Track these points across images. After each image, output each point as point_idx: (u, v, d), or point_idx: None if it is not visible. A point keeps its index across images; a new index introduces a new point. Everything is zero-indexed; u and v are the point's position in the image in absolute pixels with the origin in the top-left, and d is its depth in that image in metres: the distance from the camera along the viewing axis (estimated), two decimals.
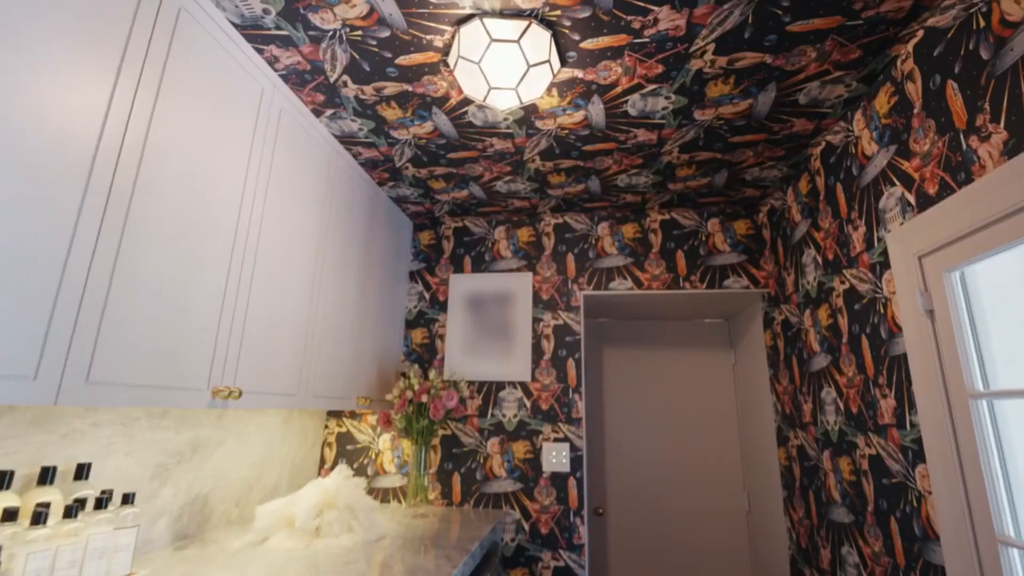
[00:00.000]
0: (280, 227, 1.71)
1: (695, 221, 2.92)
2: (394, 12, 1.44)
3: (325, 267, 2.02)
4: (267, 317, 1.63)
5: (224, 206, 1.44)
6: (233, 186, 1.47)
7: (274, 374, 1.66)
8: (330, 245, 2.06)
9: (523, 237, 3.00)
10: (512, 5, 1.41)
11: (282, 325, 1.72)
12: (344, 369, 2.16)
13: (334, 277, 2.09)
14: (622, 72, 1.71)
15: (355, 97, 1.84)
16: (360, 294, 2.34)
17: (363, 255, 2.38)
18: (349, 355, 2.21)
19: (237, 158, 1.49)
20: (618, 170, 2.43)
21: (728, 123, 2.02)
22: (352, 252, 2.27)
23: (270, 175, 1.65)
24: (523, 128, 2.06)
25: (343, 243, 2.18)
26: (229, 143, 1.46)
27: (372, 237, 2.49)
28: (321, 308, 1.98)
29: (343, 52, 1.60)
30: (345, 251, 2.20)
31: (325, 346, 2.01)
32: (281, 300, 1.71)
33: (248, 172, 1.54)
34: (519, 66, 1.47)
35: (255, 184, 1.57)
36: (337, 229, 2.13)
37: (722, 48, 1.60)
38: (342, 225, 2.17)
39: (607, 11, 1.44)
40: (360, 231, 2.35)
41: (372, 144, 2.18)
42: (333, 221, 2.09)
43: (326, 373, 2.01)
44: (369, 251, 2.45)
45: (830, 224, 2.09)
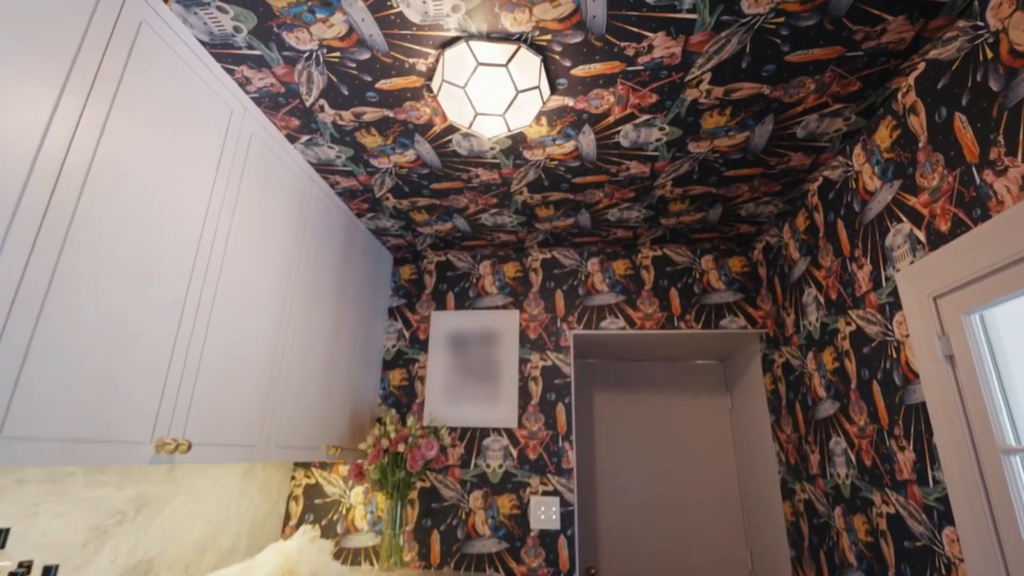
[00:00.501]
0: (246, 259, 1.60)
1: (688, 258, 2.86)
2: (375, 33, 1.38)
3: (295, 302, 1.90)
4: (226, 358, 1.50)
5: (182, 235, 1.33)
6: (194, 214, 1.37)
7: (232, 422, 1.51)
8: (301, 279, 1.95)
9: (509, 273, 2.92)
10: (500, 28, 1.36)
11: (243, 367, 1.58)
12: (313, 415, 2.01)
13: (305, 313, 1.97)
14: (614, 101, 1.67)
15: (332, 123, 1.77)
16: (333, 332, 2.21)
17: (338, 290, 2.26)
18: (319, 399, 2.07)
19: (200, 184, 1.39)
20: (609, 204, 2.38)
21: (723, 156, 1.98)
22: (326, 286, 2.15)
23: (236, 203, 1.55)
24: (510, 158, 2.00)
25: (316, 277, 2.07)
26: (191, 168, 1.36)
27: (348, 271, 2.38)
28: (289, 347, 1.85)
29: (320, 75, 1.54)
30: (318, 285, 2.08)
31: (292, 390, 1.86)
32: (243, 339, 1.58)
33: (212, 199, 1.44)
34: (507, 92, 1.41)
35: (219, 212, 1.47)
36: (310, 262, 2.02)
37: (718, 78, 1.56)
38: (315, 258, 2.06)
39: (600, 36, 1.40)
40: (335, 264, 2.25)
41: (350, 173, 2.10)
42: (306, 253, 1.98)
43: (292, 420, 1.86)
44: (344, 285, 2.34)
45: (832, 262, 2.03)
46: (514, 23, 1.34)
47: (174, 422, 1.28)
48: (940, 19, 1.36)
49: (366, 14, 1.31)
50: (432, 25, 1.35)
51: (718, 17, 1.34)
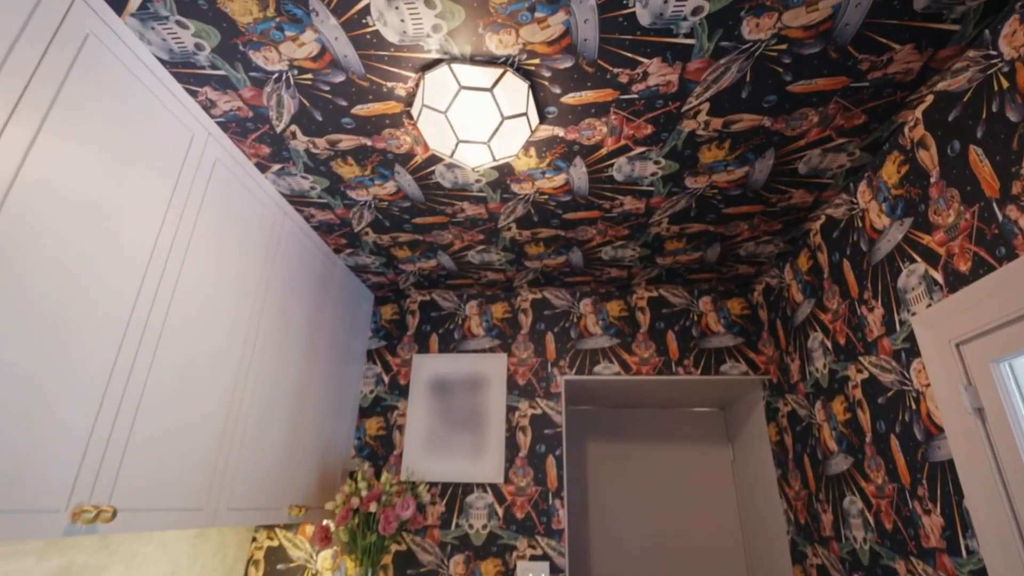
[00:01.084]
0: (201, 298, 1.46)
1: (686, 299, 2.76)
2: (349, 54, 1.30)
3: (259, 345, 1.75)
4: (169, 410, 1.34)
5: (124, 270, 1.20)
6: (139, 246, 1.24)
7: (173, 484, 1.34)
8: (268, 319, 1.81)
9: (497, 313, 2.79)
10: (485, 51, 1.29)
11: (191, 421, 1.42)
12: (275, 471, 1.83)
13: (270, 357, 1.82)
14: (607, 132, 1.59)
15: (306, 151, 1.68)
16: (303, 377, 2.06)
17: (310, 331, 2.12)
18: (282, 453, 1.89)
19: (149, 213, 1.28)
20: (602, 241, 2.28)
21: (722, 192, 1.91)
22: (296, 327, 2.01)
23: (193, 234, 1.43)
24: (497, 192, 1.91)
25: (285, 317, 1.93)
26: (140, 194, 1.25)
27: (323, 310, 2.25)
28: (249, 396, 1.69)
29: (291, 98, 1.45)
30: (287, 326, 1.94)
31: (250, 444, 1.69)
32: (193, 388, 1.43)
33: (163, 230, 1.32)
34: (492, 118, 1.33)
35: (170, 245, 1.34)
36: (278, 300, 1.88)
37: (717, 108, 1.50)
38: (285, 296, 1.93)
39: (591, 62, 1.33)
40: (307, 303, 2.11)
41: (326, 205, 2.00)
42: (274, 291, 1.85)
43: (249, 478, 1.68)
44: (318, 326, 2.20)
45: (839, 305, 1.94)
46: (500, 45, 1.27)
47: (98, 486, 1.11)
48: (949, 49, 1.31)
49: (339, 32, 1.24)
50: (411, 46, 1.28)
51: (717, 43, 1.28)
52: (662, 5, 1.18)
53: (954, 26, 1.25)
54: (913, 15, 1.22)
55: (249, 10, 1.18)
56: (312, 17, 1.20)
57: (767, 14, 1.21)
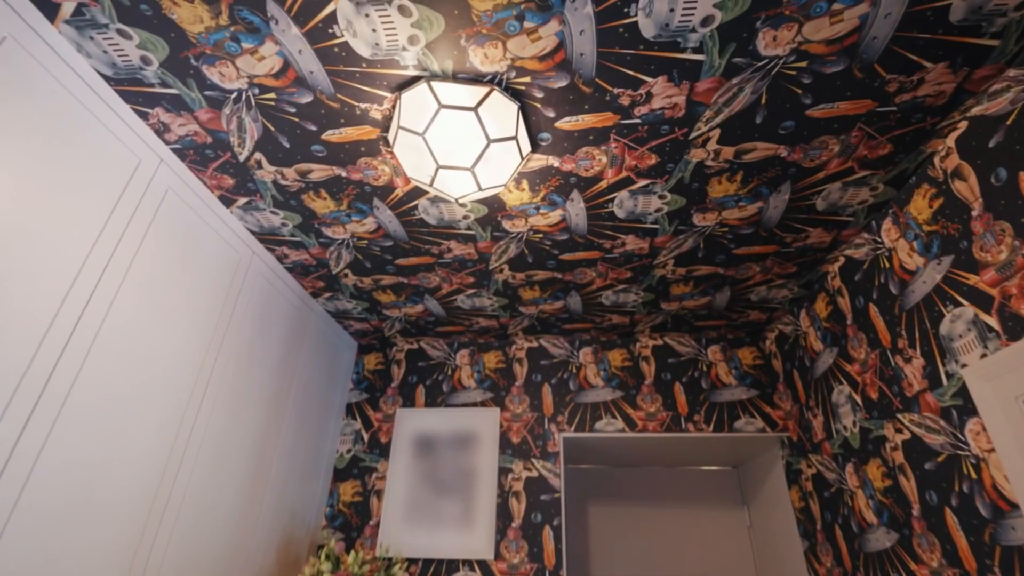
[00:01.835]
0: (135, 337, 1.27)
1: (693, 348, 2.57)
2: (316, 70, 1.16)
3: (210, 396, 1.54)
4: (77, 478, 1.12)
5: (33, 300, 1.01)
6: (57, 272, 1.06)
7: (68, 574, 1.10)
8: (223, 367, 1.61)
9: (490, 363, 2.59)
10: (468, 67, 1.15)
11: (104, 494, 1.20)
12: (220, 549, 1.58)
13: (223, 411, 1.61)
14: (607, 162, 1.44)
15: (274, 183, 1.52)
16: (264, 435, 1.83)
17: (277, 381, 1.91)
18: (234, 527, 1.64)
19: (76, 238, 1.10)
20: (603, 285, 2.11)
21: (733, 231, 1.75)
22: (259, 377, 1.80)
23: (131, 267, 1.25)
24: (487, 230, 1.75)
25: (245, 365, 1.72)
26: (66, 218, 1.08)
27: (294, 359, 2.04)
28: (192, 458, 1.46)
29: (253, 122, 1.31)
30: (248, 375, 1.74)
31: (189, 517, 1.45)
32: (116, 446, 1.22)
33: (90, 259, 1.14)
34: (476, 141, 1.18)
35: (100, 275, 1.16)
36: (239, 346, 1.68)
37: (729, 135, 1.35)
38: (247, 342, 1.73)
39: (588, 80, 1.19)
40: (276, 351, 1.91)
41: (300, 244, 1.83)
42: (234, 335, 1.66)
43: (183, 560, 1.43)
44: (288, 376, 1.99)
45: (867, 355, 1.74)
46: (485, 61, 1.14)
47: None
48: (987, 68, 1.18)
49: (303, 44, 1.10)
50: (385, 60, 1.14)
51: (729, 59, 1.15)
52: (668, 14, 1.05)
53: (993, 41, 1.12)
54: (949, 28, 1.09)
55: (199, 17, 1.05)
56: (271, 26, 1.06)
57: (786, 26, 1.08)
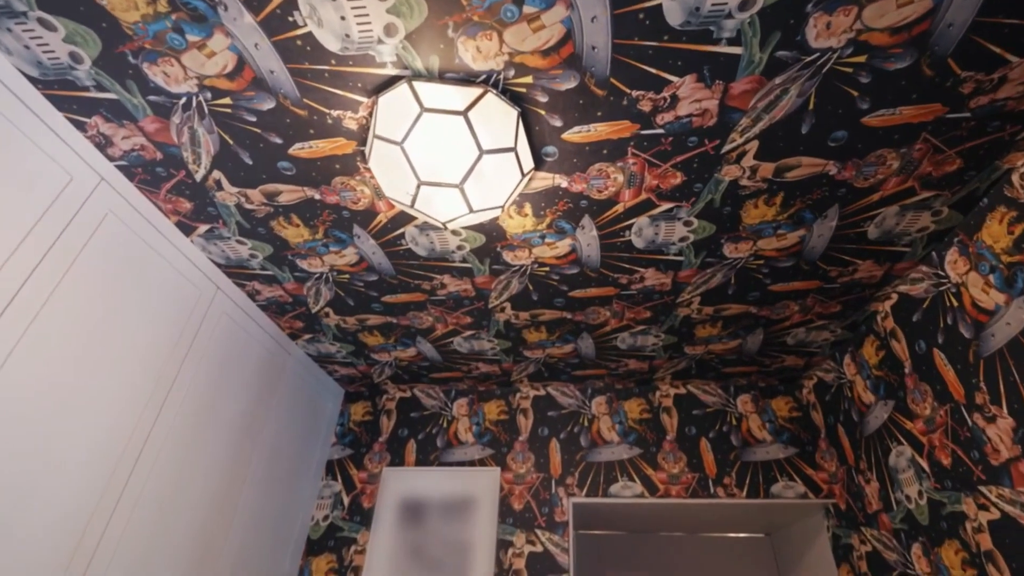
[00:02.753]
0: (45, 398, 1.05)
1: (720, 398, 2.31)
2: (277, 69, 0.99)
3: (146, 458, 1.31)
4: None
5: None
6: None
7: None
8: (167, 421, 1.38)
9: (491, 414, 2.33)
10: (458, 65, 0.97)
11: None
12: None
13: (165, 474, 1.37)
14: (624, 182, 1.25)
15: (237, 206, 1.34)
16: (219, 501, 1.58)
17: (240, 436, 1.68)
18: None
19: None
20: (618, 326, 1.88)
21: (769, 264, 1.53)
22: (217, 430, 1.57)
23: (51, 298, 1.05)
24: (485, 262, 1.54)
25: (199, 418, 1.50)
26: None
27: (264, 408, 1.81)
28: (116, 532, 1.22)
29: (207, 133, 1.13)
30: (202, 429, 1.51)
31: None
32: (14, 519, 0.98)
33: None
34: (465, 152, 0.99)
35: (6, 305, 0.96)
36: (190, 396, 1.47)
37: (768, 149, 1.15)
38: (202, 391, 1.51)
39: (602, 81, 1.01)
40: (241, 400, 1.69)
41: (273, 279, 1.63)
42: (188, 381, 1.44)
43: None
44: (254, 429, 1.75)
45: (934, 411, 1.49)
46: (477, 56, 0.96)
47: None
48: None
49: (259, 36, 0.93)
50: (358, 57, 0.96)
51: (772, 53, 0.96)
52: None
53: None
54: None
55: (134, 2, 0.88)
56: (219, 12, 0.89)
57: (843, 9, 0.89)
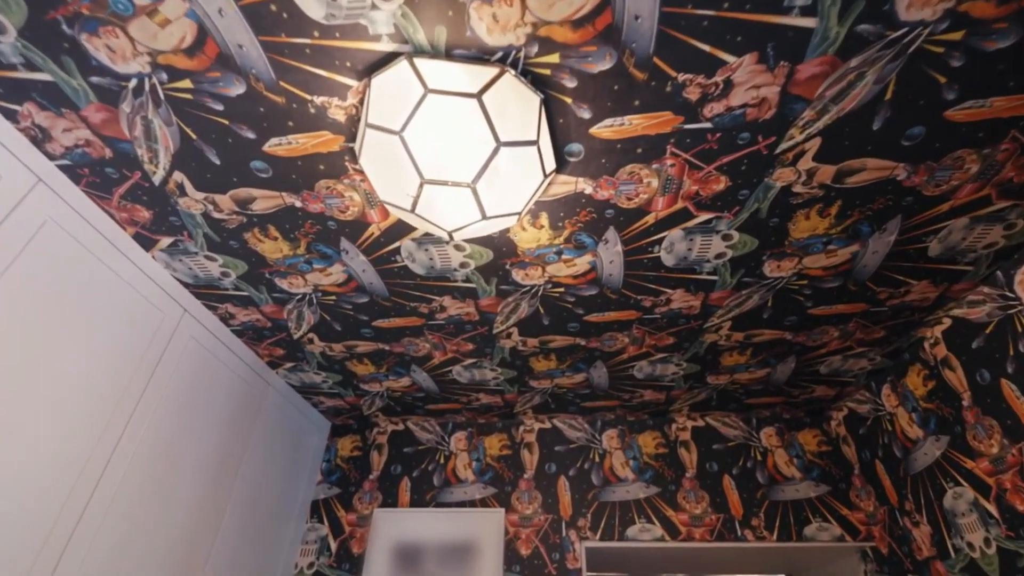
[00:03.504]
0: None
1: (742, 431, 2.12)
2: (247, 43, 0.81)
3: (99, 504, 1.09)
4: None
5: None
6: None
7: None
8: (129, 455, 1.17)
9: (493, 449, 2.12)
10: (469, 39, 0.80)
11: None
12: None
13: (123, 522, 1.15)
14: (658, 188, 1.07)
15: (204, 215, 1.14)
16: (187, 550, 1.35)
17: (212, 474, 1.46)
18: None
19: None
20: (636, 353, 1.69)
21: (813, 284, 1.36)
22: (184, 470, 1.35)
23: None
24: (492, 282, 1.36)
25: (165, 455, 1.28)
26: None
27: (240, 444, 1.60)
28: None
29: (165, 125, 0.94)
30: (168, 466, 1.29)
31: None
32: None
33: None
34: (480, 143, 0.80)
35: None
36: (155, 429, 1.25)
37: (830, 148, 0.99)
38: (167, 425, 1.30)
39: (643, 60, 0.83)
40: (212, 436, 1.47)
41: (248, 300, 1.43)
42: (143, 420, 1.23)
43: None
44: (229, 470, 1.53)
45: (1003, 448, 1.31)
46: (494, 27, 0.78)
47: None
48: None
49: (224, 1, 0.75)
50: (347, 27, 0.78)
51: (852, 26, 0.80)
52: None
53: None
54: None
55: None
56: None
57: None
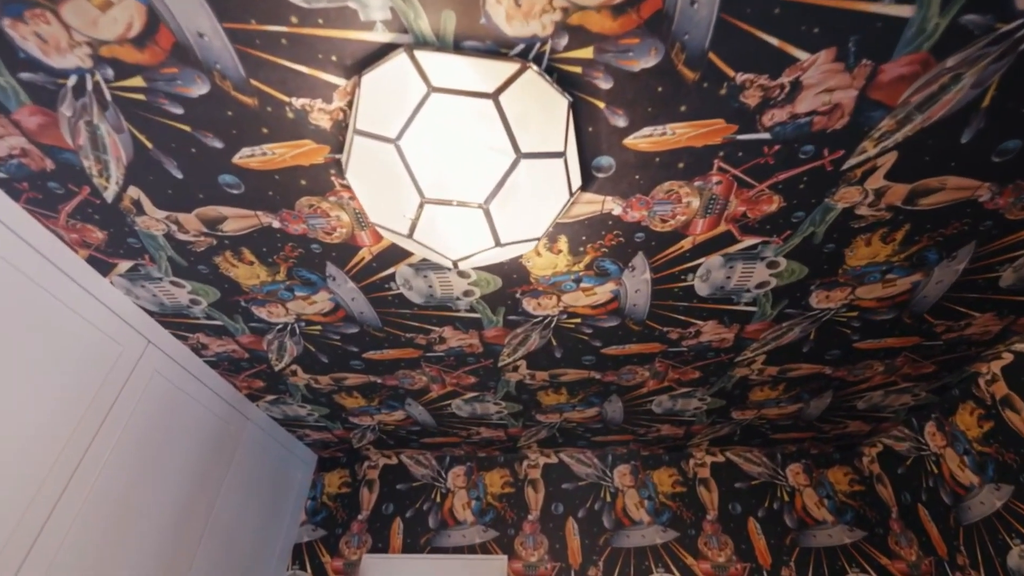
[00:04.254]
0: None
1: (766, 467, 1.96)
2: (210, 31, 0.66)
3: (43, 552, 0.93)
4: None
5: None
6: None
7: None
8: (75, 506, 1.00)
9: (494, 485, 1.96)
10: (483, 28, 0.65)
11: None
12: None
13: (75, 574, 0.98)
14: (699, 208, 0.92)
15: (167, 236, 0.99)
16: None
17: (181, 521, 1.29)
18: None
19: None
20: (656, 388, 1.54)
21: (863, 317, 1.21)
22: (145, 517, 1.19)
23: None
24: (499, 312, 1.20)
25: (124, 499, 1.12)
26: None
27: (214, 485, 1.43)
28: None
29: (113, 131, 0.79)
30: (129, 511, 1.13)
31: None
32: None
33: None
34: (496, 154, 0.65)
35: None
36: (107, 471, 1.09)
37: (910, 160, 0.84)
38: (124, 466, 1.14)
39: (696, 57, 0.69)
40: (180, 477, 1.31)
41: (222, 330, 1.27)
42: (103, 457, 1.07)
43: None
44: (201, 512, 1.37)
45: None
46: (515, 11, 0.64)
47: None
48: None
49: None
50: (333, 11, 0.64)
51: (958, 12, 0.65)
52: None
53: None
54: None
55: None
56: None
57: None
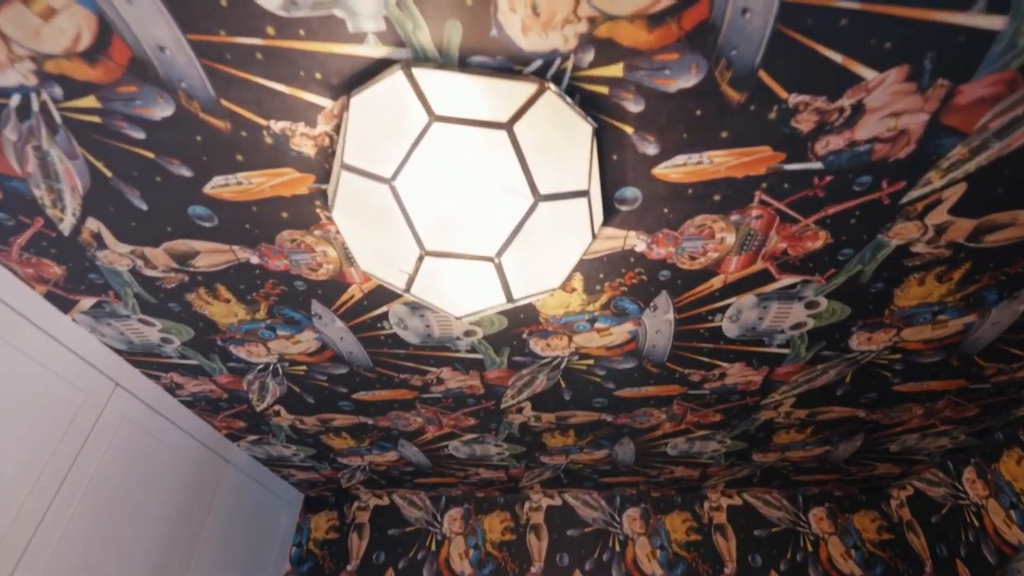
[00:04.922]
0: None
1: (787, 512, 1.84)
2: (172, 44, 0.56)
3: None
4: None
5: None
6: None
7: None
8: (36, 566, 0.88)
9: (493, 531, 1.84)
10: (496, 44, 0.56)
11: None
12: None
13: None
14: (735, 244, 0.82)
15: (132, 272, 0.88)
16: None
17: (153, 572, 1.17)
18: None
19: None
20: (673, 430, 1.43)
21: (907, 359, 1.11)
22: (121, 567, 1.07)
23: None
24: (503, 353, 1.10)
25: (90, 557, 1.00)
26: None
27: (191, 534, 1.31)
28: None
29: (65, 157, 0.68)
30: (97, 572, 1.00)
31: None
32: None
33: None
34: (510, 197, 0.55)
35: None
36: (70, 530, 0.97)
37: (980, 190, 0.75)
38: (90, 522, 1.02)
39: (744, 75, 0.59)
40: (153, 528, 1.19)
41: (198, 370, 1.16)
42: (65, 517, 0.95)
43: None
44: (175, 565, 1.24)
45: None
46: (532, 22, 0.54)
47: None
48: None
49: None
50: (317, 20, 0.54)
51: None
52: None
53: None
54: None
55: None
56: None
57: None
